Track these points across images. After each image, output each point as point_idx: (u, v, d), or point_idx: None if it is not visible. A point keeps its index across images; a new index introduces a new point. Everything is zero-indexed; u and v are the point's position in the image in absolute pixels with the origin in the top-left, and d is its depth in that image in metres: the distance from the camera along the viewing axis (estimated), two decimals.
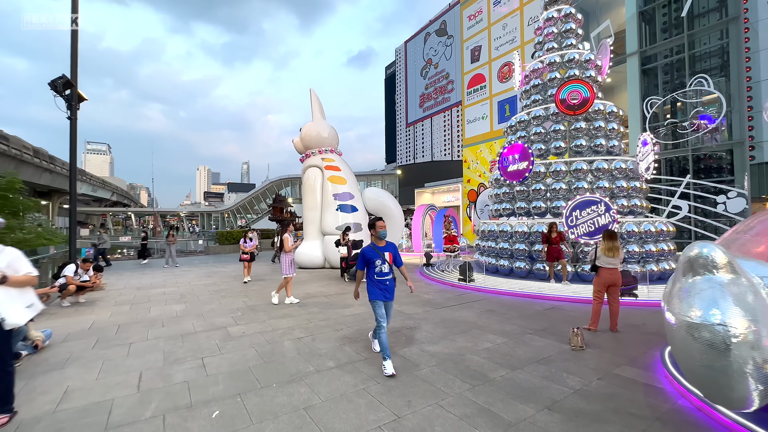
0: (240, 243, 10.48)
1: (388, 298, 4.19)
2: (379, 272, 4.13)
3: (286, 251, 7.19)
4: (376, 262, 4.12)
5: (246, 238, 10.42)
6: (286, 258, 7.27)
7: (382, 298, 4.14)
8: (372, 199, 13.87)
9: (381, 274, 4.13)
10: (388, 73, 52.88)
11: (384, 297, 4.15)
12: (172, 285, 10.02)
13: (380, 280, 4.13)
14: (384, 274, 4.14)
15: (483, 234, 11.20)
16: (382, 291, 4.14)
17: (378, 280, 4.13)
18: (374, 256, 4.14)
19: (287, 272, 7.23)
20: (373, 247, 4.19)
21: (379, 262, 4.12)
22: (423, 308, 6.80)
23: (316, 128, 14.03)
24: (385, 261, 4.14)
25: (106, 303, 7.79)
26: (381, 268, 4.12)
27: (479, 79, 23.17)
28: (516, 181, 10.22)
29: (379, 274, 4.13)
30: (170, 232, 15.43)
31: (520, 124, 11.05)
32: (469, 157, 23.77)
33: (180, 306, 7.35)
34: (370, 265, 4.17)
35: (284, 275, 7.24)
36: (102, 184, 71.21)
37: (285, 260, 7.25)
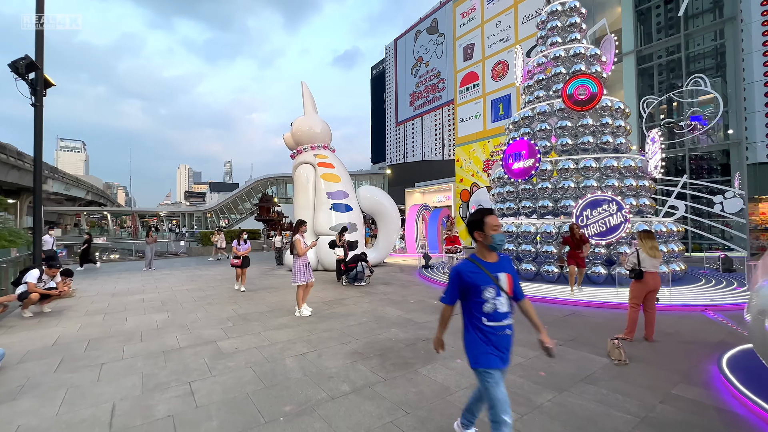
0: (233, 245, 9.12)
1: (507, 361, 2.31)
2: (492, 312, 2.24)
3: (299, 255, 6.28)
4: (486, 293, 2.23)
5: (240, 239, 9.18)
6: (299, 263, 6.27)
7: (500, 364, 2.25)
8: (367, 198, 13.27)
9: (496, 315, 2.24)
10: (374, 73, 52.43)
11: (502, 361, 2.27)
12: (151, 291, 9.14)
13: (494, 328, 2.24)
14: (502, 315, 2.26)
15: None
16: (500, 350, 2.26)
17: (490, 327, 2.24)
18: (482, 280, 2.25)
19: (301, 279, 6.26)
20: (476, 264, 2.30)
21: (491, 293, 2.23)
22: (433, 315, 6.23)
23: (308, 123, 13.31)
24: (502, 291, 2.27)
25: (75, 312, 6.91)
26: (496, 305, 2.24)
27: (472, 78, 22.86)
28: (521, 179, 9.80)
29: (492, 316, 2.24)
30: (149, 232, 14.42)
31: (523, 121, 10.65)
32: (461, 157, 23.43)
33: (161, 315, 6.54)
34: (472, 295, 2.27)
35: (297, 282, 6.25)
36: (76, 183, 67.99)
37: (298, 265, 6.26)
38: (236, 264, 8.86)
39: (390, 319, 6.08)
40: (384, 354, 4.40)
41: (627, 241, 8.41)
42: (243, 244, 9.06)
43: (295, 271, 6.29)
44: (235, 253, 8.92)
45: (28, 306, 6.69)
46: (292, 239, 6.23)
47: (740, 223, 12.72)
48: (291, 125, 13.55)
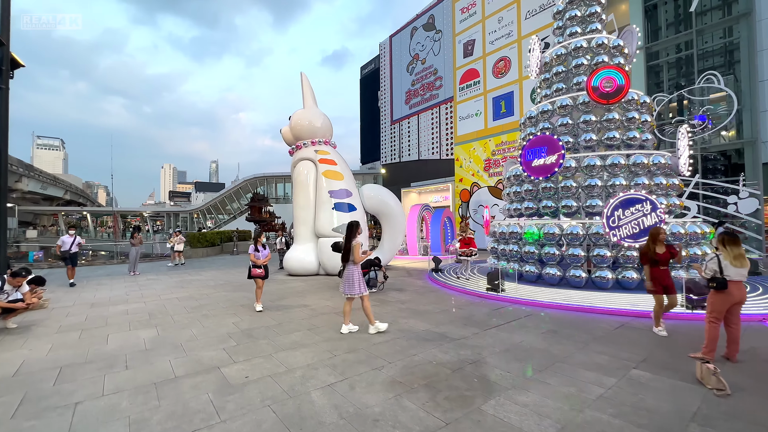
0: (249, 252, 7.08)
1: None
2: None
3: (356, 261, 5.41)
4: None
5: (257, 243, 7.12)
6: (354, 271, 5.41)
7: None
8: (371, 198, 12.45)
9: None
10: (364, 73, 51.64)
11: None
12: (136, 300, 8.12)
13: None
14: None
15: (501, 236, 10.05)
16: None
17: None
18: None
19: (360, 289, 5.34)
20: None
21: None
22: (467, 328, 5.47)
23: (309, 116, 12.42)
24: None
25: (46, 329, 5.90)
26: None
27: (473, 75, 22.27)
28: (542, 177, 9.14)
29: None
30: (135, 233, 13.27)
31: (542, 115, 10.00)
32: (461, 156, 22.82)
33: (149, 332, 5.60)
34: None
35: (355, 294, 5.30)
36: (53, 182, 65.11)
37: (353, 274, 5.38)
38: (259, 275, 6.91)
39: (419, 333, 5.28)
40: (431, 384, 3.61)
41: None
42: (262, 250, 7.11)
43: (352, 280, 5.34)
44: (254, 262, 6.94)
45: (13, 315, 5.69)
46: (351, 243, 5.35)
47: (756, 224, 12.39)
48: (289, 119, 12.64)
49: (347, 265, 5.44)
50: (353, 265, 5.42)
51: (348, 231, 5.44)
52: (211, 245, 20.45)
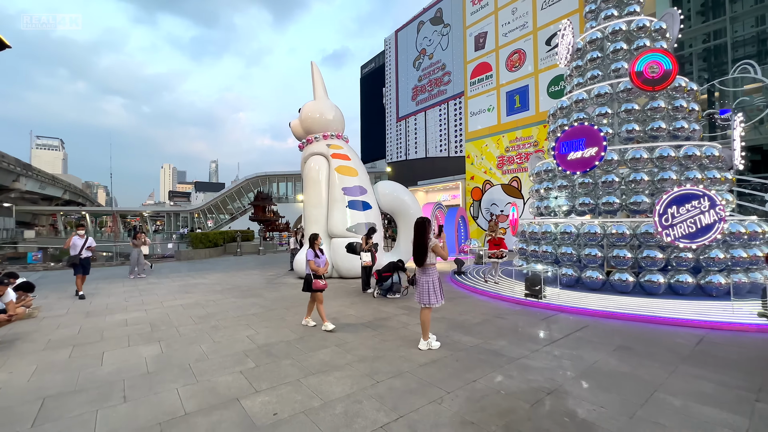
0: (306, 258, 5.64)
1: None
2: None
3: (445, 257, 4.66)
4: None
5: (315, 247, 5.73)
6: (435, 276, 4.63)
7: None
8: (386, 195, 11.66)
9: None
10: (364, 72, 50.82)
11: None
12: (136, 307, 7.34)
13: None
14: None
15: (530, 236, 9.27)
16: None
17: None
18: None
19: (439, 298, 4.60)
20: None
21: None
22: (522, 344, 4.70)
23: (320, 108, 11.63)
24: None
25: (32, 344, 5.12)
26: None
27: (484, 68, 21.48)
28: (580, 171, 8.36)
29: None
30: (138, 233, 12.43)
31: (576, 105, 9.22)
32: (472, 153, 22.04)
33: (151, 349, 4.82)
34: None
35: (432, 304, 4.55)
36: (52, 181, 64.33)
37: (430, 279, 4.59)
38: (322, 288, 5.58)
39: (468, 350, 4.50)
40: (512, 426, 2.83)
41: (719, 245, 7.05)
42: (321, 256, 5.77)
43: (429, 288, 4.55)
44: (315, 271, 5.58)
45: None
46: (427, 243, 4.54)
47: None
48: (299, 111, 11.85)
49: (426, 270, 4.63)
50: (433, 269, 4.66)
51: (420, 228, 4.62)
52: (213, 246, 19.66)
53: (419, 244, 4.57)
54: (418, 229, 4.62)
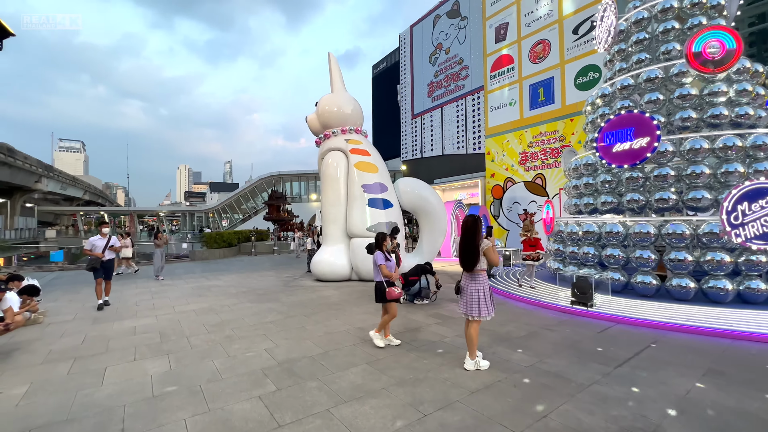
0: (378, 262, 4.67)
1: None
2: None
3: (495, 263, 3.95)
4: None
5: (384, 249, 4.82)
6: (481, 283, 3.89)
7: None
8: (407, 192, 10.99)
9: None
10: (376, 72, 50.26)
11: None
12: (146, 313, 6.86)
13: None
14: None
15: (569, 236, 8.47)
16: None
17: None
18: None
19: (488, 311, 3.86)
20: None
21: None
22: (588, 365, 3.97)
23: (338, 101, 11.04)
24: None
25: (31, 355, 4.64)
26: None
27: (506, 61, 20.56)
28: (628, 164, 7.53)
29: None
30: (159, 233, 12.00)
31: (621, 91, 8.35)
32: (492, 149, 21.15)
33: (159, 364, 4.27)
34: None
35: (484, 316, 3.85)
36: (73, 182, 65.79)
37: (480, 288, 3.87)
38: (397, 297, 4.62)
39: (524, 372, 3.81)
40: None
41: None
42: (391, 259, 4.84)
43: (480, 298, 3.85)
44: (388, 277, 4.62)
45: None
46: (478, 245, 3.88)
47: None
48: (316, 105, 11.28)
49: (475, 277, 3.96)
50: (483, 277, 3.96)
51: (470, 228, 3.99)
52: (228, 246, 19.33)
53: (469, 246, 3.90)
54: (468, 228, 3.96)
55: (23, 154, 43.70)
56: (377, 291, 4.67)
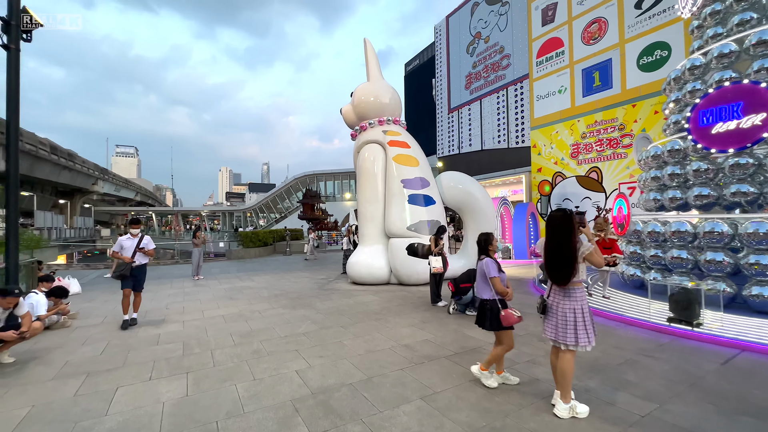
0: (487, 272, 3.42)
1: None
2: None
3: (597, 264, 2.98)
4: None
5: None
6: (578, 300, 2.92)
7: None
8: (451, 188, 9.99)
9: None
10: (408, 70, 49.26)
11: None
12: (174, 317, 6.41)
13: None
14: None
15: (650, 237, 7.10)
16: None
17: None
18: None
19: (588, 338, 2.89)
20: None
21: None
22: (739, 421, 2.83)
23: (375, 90, 10.24)
24: None
25: (46, 367, 4.20)
26: None
27: (554, 45, 18.85)
28: (734, 148, 6.09)
29: None
30: (197, 232, 11.84)
31: (720, 60, 6.84)
32: (539, 141, 19.52)
33: (175, 387, 3.64)
34: None
35: (578, 345, 2.89)
36: (125, 184, 70.43)
37: (577, 307, 2.90)
38: (517, 321, 3.35)
39: (640, 424, 2.75)
40: None
41: None
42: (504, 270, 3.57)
43: (577, 320, 2.88)
44: (502, 294, 3.41)
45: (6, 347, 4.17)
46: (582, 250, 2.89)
47: None
48: (351, 95, 10.55)
49: (570, 292, 2.93)
50: (581, 292, 2.94)
51: (563, 223, 2.93)
52: (263, 245, 19.24)
53: (562, 251, 2.91)
54: (558, 227, 2.96)
55: (81, 159, 47.12)
56: (487, 313, 3.43)
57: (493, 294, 3.45)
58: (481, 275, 3.53)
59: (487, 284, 3.47)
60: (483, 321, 3.49)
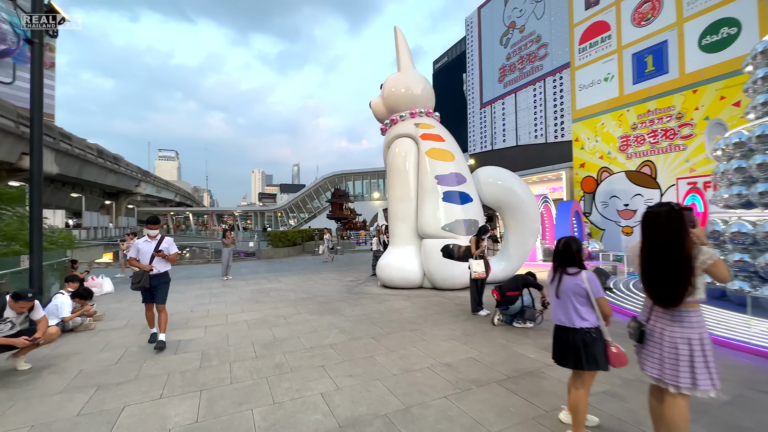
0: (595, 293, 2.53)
1: None
2: None
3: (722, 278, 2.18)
4: None
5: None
6: (694, 327, 2.15)
7: None
8: (490, 184, 9.17)
9: None
10: (436, 68, 48.27)
11: None
12: (197, 322, 6.10)
13: None
14: None
15: (735, 238, 5.99)
16: None
17: None
18: None
19: (711, 380, 2.10)
20: None
21: None
22: None
23: (406, 81, 9.60)
24: None
25: (58, 377, 3.92)
26: None
27: (600, 29, 17.37)
28: None
29: None
30: (227, 232, 11.72)
31: None
32: (582, 135, 18.07)
33: (186, 408, 3.19)
34: None
35: (696, 387, 2.11)
36: (165, 186, 73.98)
37: (695, 338, 2.13)
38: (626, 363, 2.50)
39: None
40: None
41: None
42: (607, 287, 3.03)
43: (694, 355, 2.12)
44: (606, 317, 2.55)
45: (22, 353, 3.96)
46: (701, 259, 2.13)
47: None
48: (381, 87, 9.98)
49: (684, 316, 2.18)
50: (697, 315, 2.18)
51: (668, 224, 2.19)
52: (292, 245, 19.12)
53: (669, 258, 2.16)
54: (662, 227, 2.21)
55: (125, 162, 49.82)
56: (591, 347, 2.48)
57: (596, 320, 2.55)
58: (577, 293, 2.56)
59: (589, 306, 2.54)
60: (581, 358, 2.50)
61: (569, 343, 2.55)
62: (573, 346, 2.53)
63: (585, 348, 2.49)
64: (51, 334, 4.22)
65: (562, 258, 2.67)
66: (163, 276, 5.01)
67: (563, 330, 2.62)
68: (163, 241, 5.04)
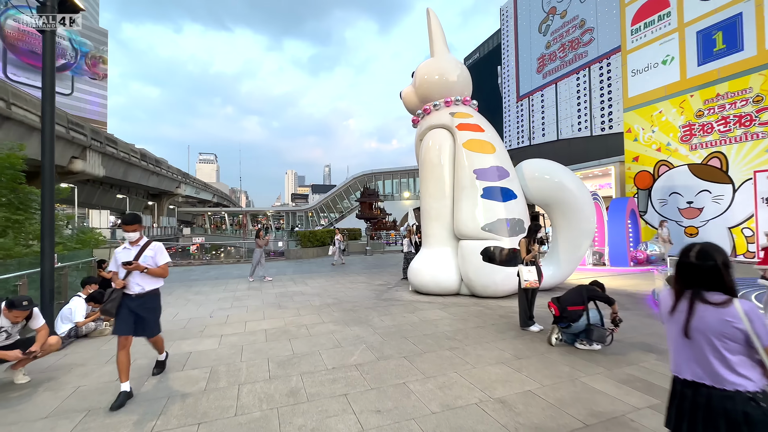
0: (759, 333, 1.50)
1: None
2: None
3: None
4: None
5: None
6: None
7: None
8: (536, 179, 8.16)
9: None
10: (467, 64, 46.73)
11: None
12: (213, 330, 5.61)
13: None
14: None
15: None
16: None
17: None
18: None
19: None
20: None
21: None
22: None
23: (440, 67, 8.76)
24: None
25: (55, 393, 3.49)
26: None
27: (657, 6, 15.58)
28: None
29: None
30: (260, 232, 11.27)
31: None
32: (635, 125, 16.31)
33: None
34: None
35: None
36: (204, 187, 77.16)
37: None
38: None
39: None
40: None
41: None
42: None
43: None
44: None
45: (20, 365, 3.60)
46: None
47: None
48: (412, 75, 9.21)
49: None
50: None
51: None
52: (321, 245, 18.77)
53: None
54: None
55: (167, 164, 52.24)
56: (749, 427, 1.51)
57: (762, 378, 1.57)
58: (725, 335, 1.57)
59: (747, 356, 1.56)
60: None
61: (714, 412, 1.59)
62: (725, 418, 1.56)
63: (751, 427, 1.51)
64: (50, 345, 3.82)
65: (698, 276, 1.71)
66: (147, 299, 3.43)
67: (696, 389, 1.68)
68: (148, 248, 3.51)
